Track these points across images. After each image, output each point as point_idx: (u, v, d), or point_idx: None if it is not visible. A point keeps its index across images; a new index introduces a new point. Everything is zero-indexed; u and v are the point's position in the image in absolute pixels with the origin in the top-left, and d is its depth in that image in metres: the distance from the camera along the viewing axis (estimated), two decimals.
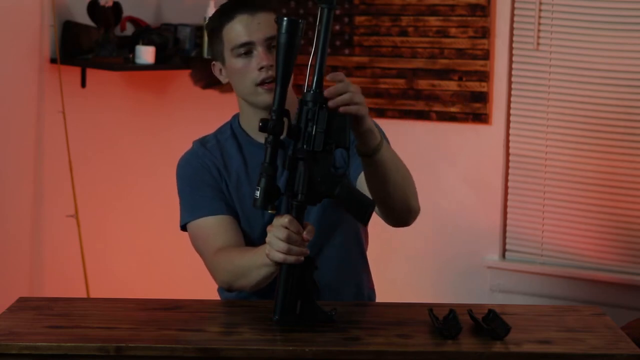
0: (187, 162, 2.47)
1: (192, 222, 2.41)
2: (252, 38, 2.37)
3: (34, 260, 3.90)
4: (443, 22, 4.20)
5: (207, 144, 2.47)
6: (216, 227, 2.38)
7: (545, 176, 4.11)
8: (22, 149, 3.83)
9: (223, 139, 2.47)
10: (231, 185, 2.42)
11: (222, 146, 2.46)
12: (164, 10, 4.33)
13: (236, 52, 2.39)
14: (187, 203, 2.43)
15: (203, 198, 2.40)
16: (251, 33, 2.37)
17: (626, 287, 3.96)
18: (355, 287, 2.49)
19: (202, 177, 2.42)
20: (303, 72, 2.14)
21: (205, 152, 2.45)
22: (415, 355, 2.02)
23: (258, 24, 2.38)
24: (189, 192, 2.43)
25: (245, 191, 2.41)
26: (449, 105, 4.21)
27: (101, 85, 4.07)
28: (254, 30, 2.37)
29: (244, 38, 2.38)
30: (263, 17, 2.38)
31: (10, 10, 3.73)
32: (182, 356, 2.01)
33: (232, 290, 2.36)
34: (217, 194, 2.41)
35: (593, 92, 3.99)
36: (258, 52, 2.37)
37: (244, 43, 2.38)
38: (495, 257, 4.20)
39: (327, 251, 2.41)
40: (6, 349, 2.02)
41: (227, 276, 2.31)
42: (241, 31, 2.38)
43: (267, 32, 2.37)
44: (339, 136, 2.12)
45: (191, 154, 2.48)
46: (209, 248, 2.36)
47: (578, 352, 2.04)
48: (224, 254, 2.33)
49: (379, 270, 4.42)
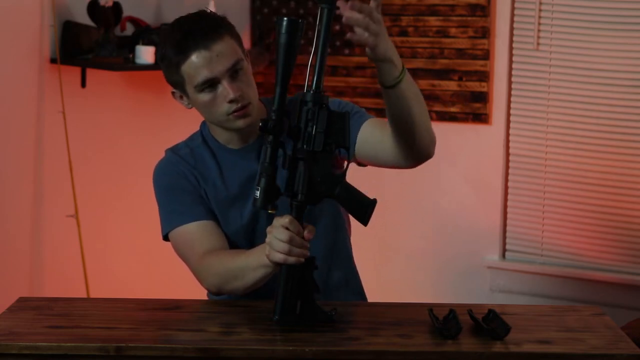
0: (162, 170, 2.45)
1: (175, 229, 2.38)
2: (214, 74, 2.30)
3: (34, 260, 3.90)
4: (443, 22, 4.20)
5: (180, 152, 2.44)
6: (200, 232, 2.36)
7: (545, 176, 4.11)
8: (22, 149, 3.83)
9: (195, 145, 2.45)
10: (209, 190, 2.41)
11: (195, 153, 2.43)
12: (164, 10, 4.33)
13: (200, 88, 2.32)
14: (168, 211, 2.41)
15: (183, 205, 2.38)
16: (212, 68, 2.29)
17: (626, 287, 3.96)
18: (344, 271, 2.48)
19: (179, 185, 2.40)
20: (303, 72, 2.14)
21: (180, 160, 2.43)
22: (415, 355, 2.02)
23: (217, 56, 2.29)
24: (168, 200, 2.41)
25: (222, 196, 2.40)
26: (449, 105, 4.21)
27: (101, 85, 4.07)
28: (214, 65, 2.29)
29: (205, 75, 2.30)
30: (220, 47, 2.29)
31: (10, 10, 3.73)
32: (182, 356, 2.02)
33: (221, 294, 2.34)
34: (196, 199, 2.39)
35: (593, 92, 3.99)
36: (223, 86, 2.30)
37: (206, 80, 2.30)
38: (495, 257, 4.20)
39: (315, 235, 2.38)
40: (6, 349, 2.02)
41: (217, 279, 2.29)
42: (201, 67, 2.29)
43: (228, 61, 2.30)
44: (339, 136, 2.12)
45: (166, 163, 2.45)
46: (195, 253, 2.34)
47: (578, 352, 2.04)
48: (212, 257, 2.31)
49: (379, 270, 4.44)
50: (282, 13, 4.45)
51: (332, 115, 2.11)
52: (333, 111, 2.11)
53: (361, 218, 2.16)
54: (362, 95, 4.33)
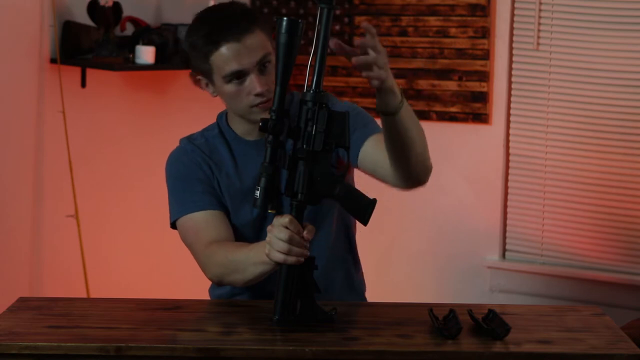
0: (176, 159, 2.45)
1: (183, 217, 2.39)
2: (243, 66, 2.32)
3: (34, 260, 3.90)
4: (443, 22, 4.20)
5: (196, 141, 2.46)
6: (207, 222, 2.37)
7: (545, 176, 4.10)
8: (22, 149, 3.83)
9: (211, 136, 2.46)
10: (222, 181, 2.42)
11: (211, 144, 2.45)
12: (164, 10, 4.33)
13: (227, 79, 2.34)
14: (178, 199, 2.42)
15: (193, 194, 2.39)
16: (241, 60, 2.32)
17: (626, 287, 3.96)
18: (345, 275, 2.48)
19: (192, 173, 2.41)
20: (303, 72, 2.14)
21: (195, 149, 2.44)
22: (415, 355, 2.02)
23: (246, 49, 2.31)
24: (181, 188, 2.41)
25: (235, 188, 2.41)
26: (449, 105, 4.21)
27: (101, 85, 4.07)
28: (244, 57, 2.31)
29: (234, 67, 2.32)
30: (250, 40, 2.32)
31: (10, 10, 3.73)
32: (182, 356, 2.02)
33: (222, 285, 2.35)
34: (207, 189, 2.40)
35: (593, 92, 3.98)
36: (251, 78, 2.32)
37: (234, 72, 2.33)
38: (495, 257, 4.20)
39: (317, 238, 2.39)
40: (6, 349, 2.02)
41: (219, 269, 2.30)
42: (230, 60, 2.32)
43: (257, 55, 2.32)
44: (339, 136, 2.12)
45: (180, 151, 2.46)
46: (200, 241, 2.35)
47: (578, 352, 2.04)
48: (217, 246, 2.32)
49: (380, 270, 4.43)
50: (282, 13, 4.45)
51: (332, 115, 2.11)
52: (333, 111, 2.11)
53: (361, 218, 2.16)
54: (362, 95, 4.33)
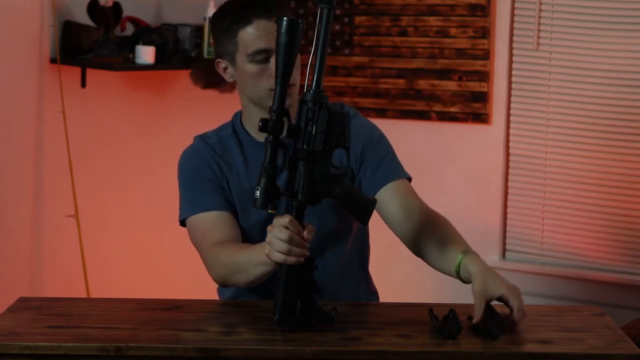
0: (189, 157, 2.46)
1: (192, 216, 2.40)
2: (271, 45, 2.32)
3: (34, 260, 3.90)
4: (443, 22, 4.20)
5: (209, 140, 2.47)
6: (215, 222, 2.37)
7: (545, 176, 4.11)
8: (22, 149, 3.83)
9: (224, 135, 2.47)
10: (231, 181, 2.42)
11: (224, 143, 2.45)
12: (164, 10, 4.33)
13: (252, 57, 2.34)
14: (188, 198, 2.43)
15: (203, 193, 2.40)
16: (270, 40, 2.31)
17: (626, 287, 3.96)
18: (353, 292, 2.49)
19: (203, 173, 2.42)
20: (303, 72, 2.14)
21: (207, 148, 2.45)
22: (415, 355, 2.02)
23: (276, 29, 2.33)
24: (191, 187, 2.43)
25: (245, 188, 2.41)
26: (449, 105, 4.21)
27: (101, 85, 4.07)
28: (272, 37, 2.29)
29: (262, 45, 2.33)
30: None
31: (10, 10, 3.73)
32: (182, 356, 2.01)
33: (227, 285, 2.36)
34: (217, 189, 2.41)
35: (593, 92, 3.99)
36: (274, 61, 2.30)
37: (261, 50, 2.34)
38: (495, 257, 4.20)
39: (327, 255, 2.41)
40: (6, 349, 2.02)
41: (223, 270, 2.30)
42: (259, 37, 2.33)
43: None
44: (339, 136, 2.12)
45: (193, 150, 2.47)
46: (207, 242, 2.36)
47: (578, 352, 2.04)
48: (221, 248, 2.32)
49: (380, 270, 4.42)
50: None
51: (332, 115, 2.11)
52: (333, 111, 2.11)
53: (361, 217, 2.16)
54: (362, 95, 4.33)
